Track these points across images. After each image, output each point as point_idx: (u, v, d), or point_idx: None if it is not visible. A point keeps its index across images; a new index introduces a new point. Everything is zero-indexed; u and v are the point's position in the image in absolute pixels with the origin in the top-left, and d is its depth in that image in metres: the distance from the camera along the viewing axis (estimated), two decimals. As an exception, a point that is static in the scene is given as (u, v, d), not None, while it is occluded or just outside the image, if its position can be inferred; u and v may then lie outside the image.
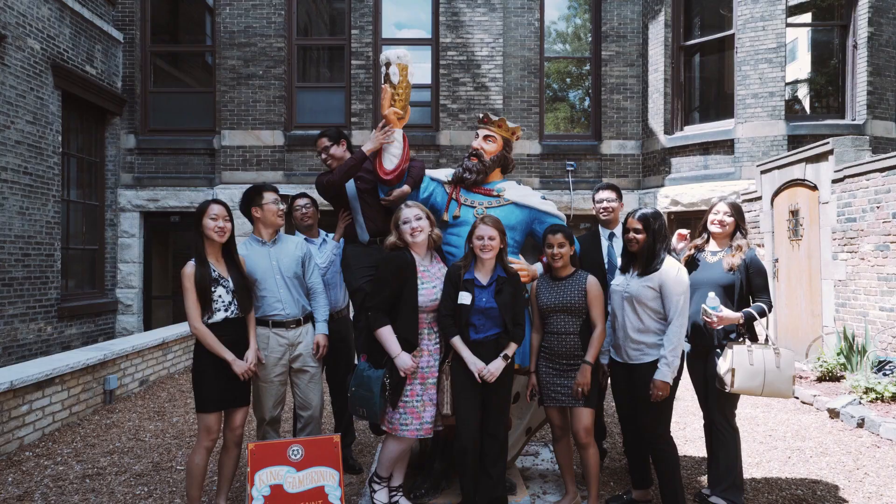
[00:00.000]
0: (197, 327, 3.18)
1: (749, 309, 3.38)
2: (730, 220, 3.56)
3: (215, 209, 3.26)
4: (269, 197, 3.56)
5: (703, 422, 3.69)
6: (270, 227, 3.60)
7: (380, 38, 9.99)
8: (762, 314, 3.38)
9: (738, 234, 3.56)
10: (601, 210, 4.01)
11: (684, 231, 3.83)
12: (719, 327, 3.38)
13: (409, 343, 3.22)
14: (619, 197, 4.01)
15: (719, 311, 3.31)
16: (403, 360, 3.18)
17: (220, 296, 3.23)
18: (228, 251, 3.35)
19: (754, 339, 3.46)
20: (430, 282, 3.30)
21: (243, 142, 9.77)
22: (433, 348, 3.31)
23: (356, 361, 3.55)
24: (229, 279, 3.28)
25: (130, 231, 9.71)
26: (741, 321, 3.35)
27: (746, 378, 3.28)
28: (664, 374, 3.17)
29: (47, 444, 4.67)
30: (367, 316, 3.32)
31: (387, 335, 3.20)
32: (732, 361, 3.30)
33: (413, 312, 3.23)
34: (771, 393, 3.34)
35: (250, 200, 3.58)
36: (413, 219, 3.28)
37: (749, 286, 3.47)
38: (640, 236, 3.29)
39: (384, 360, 3.22)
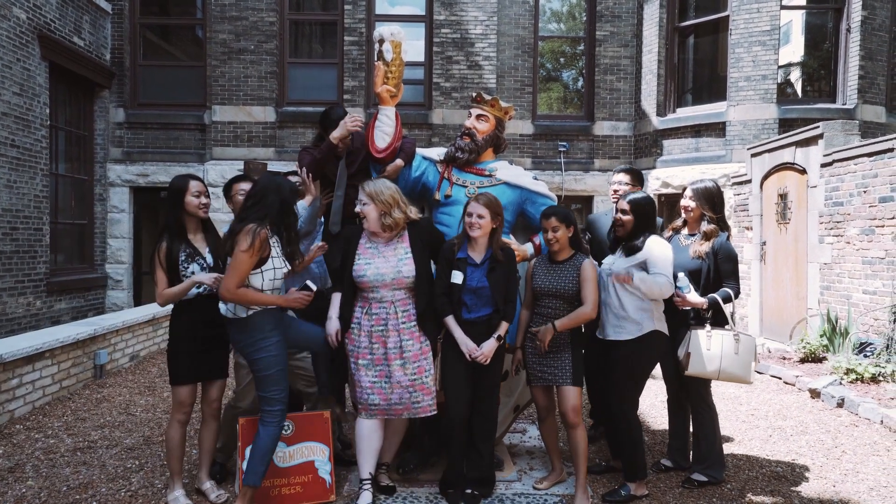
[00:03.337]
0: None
1: (714, 295, 3.39)
2: (692, 204, 3.57)
3: (196, 185, 3.20)
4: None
5: (668, 398, 3.77)
6: None
7: (373, 14, 9.87)
8: (727, 300, 3.39)
9: (704, 220, 3.53)
10: (612, 192, 4.13)
11: None
12: (686, 308, 3.41)
13: (344, 320, 3.23)
14: (636, 181, 4.10)
15: (685, 293, 3.33)
16: (330, 324, 3.23)
17: (193, 272, 3.14)
18: (207, 228, 3.30)
19: (722, 323, 3.43)
20: (366, 258, 3.22)
21: (234, 117, 9.67)
22: (369, 328, 3.20)
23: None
24: (205, 257, 3.21)
25: (120, 206, 9.63)
26: (705, 306, 3.37)
27: (702, 363, 3.31)
28: (630, 273, 3.23)
29: (38, 417, 4.69)
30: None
31: (333, 300, 3.29)
32: (689, 345, 3.34)
33: (349, 287, 3.25)
34: (728, 378, 3.35)
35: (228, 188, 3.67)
36: (359, 202, 3.22)
37: (717, 272, 3.46)
38: (626, 217, 3.34)
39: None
